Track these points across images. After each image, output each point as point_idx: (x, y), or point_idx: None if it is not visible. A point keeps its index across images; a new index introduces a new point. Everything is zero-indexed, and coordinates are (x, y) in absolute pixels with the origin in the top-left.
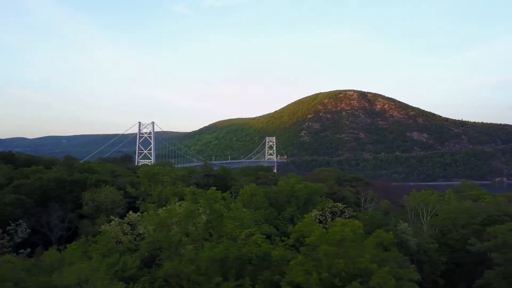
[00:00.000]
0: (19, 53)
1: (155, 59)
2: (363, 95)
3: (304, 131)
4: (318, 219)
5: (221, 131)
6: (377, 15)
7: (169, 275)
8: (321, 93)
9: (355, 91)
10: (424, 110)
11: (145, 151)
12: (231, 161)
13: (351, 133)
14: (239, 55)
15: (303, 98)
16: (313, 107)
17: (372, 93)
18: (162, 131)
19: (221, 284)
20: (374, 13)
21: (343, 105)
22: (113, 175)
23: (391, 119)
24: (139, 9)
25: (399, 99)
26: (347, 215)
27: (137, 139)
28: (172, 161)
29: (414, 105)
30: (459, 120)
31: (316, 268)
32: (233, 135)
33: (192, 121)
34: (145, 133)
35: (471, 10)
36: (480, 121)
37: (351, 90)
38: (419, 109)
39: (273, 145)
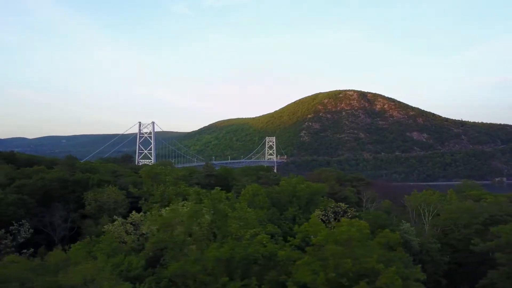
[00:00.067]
0: (19, 53)
1: (155, 59)
2: (363, 95)
3: (304, 131)
4: (320, 219)
5: (221, 131)
6: (377, 15)
7: (175, 275)
8: (321, 93)
9: (355, 91)
10: (424, 110)
11: (145, 151)
12: (231, 161)
13: (351, 133)
14: (239, 55)
15: (303, 98)
16: (313, 107)
17: (372, 93)
18: (162, 131)
19: (228, 284)
20: (374, 13)
21: (343, 105)
22: (115, 175)
23: (391, 119)
24: (139, 9)
25: (399, 99)
26: (350, 215)
27: (137, 139)
28: (172, 161)
29: (414, 105)
30: (459, 120)
31: (323, 268)
32: (233, 135)
33: (192, 121)
34: (145, 133)
35: (471, 10)
36: (480, 121)
37: (351, 90)
38: (419, 109)
39: (273, 145)
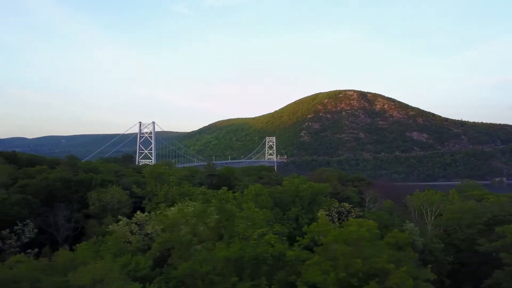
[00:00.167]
0: (19, 53)
1: (155, 59)
2: (363, 95)
3: (304, 131)
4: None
5: (221, 131)
6: (377, 15)
7: (185, 275)
8: (321, 93)
9: (355, 91)
10: (424, 110)
11: (146, 151)
12: (231, 161)
13: (351, 133)
14: (239, 55)
15: (303, 98)
16: (313, 107)
17: (372, 93)
18: (162, 131)
19: (238, 284)
20: (374, 13)
21: (343, 105)
22: (117, 175)
23: (391, 119)
24: (139, 9)
25: (399, 99)
26: (354, 215)
27: (138, 139)
28: (172, 161)
29: (414, 105)
30: (459, 120)
31: (333, 268)
32: (233, 135)
33: (192, 121)
34: (146, 133)
35: (471, 10)
36: (480, 121)
37: (351, 90)
38: (419, 109)
39: (273, 145)
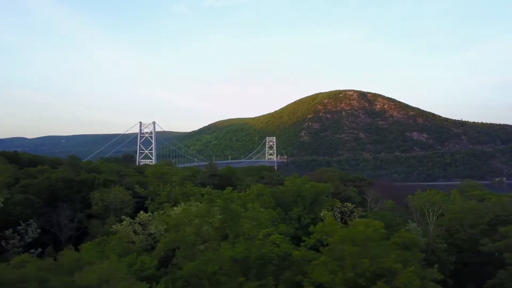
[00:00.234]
0: (19, 53)
1: (155, 59)
2: (363, 95)
3: (304, 131)
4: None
5: (221, 131)
6: (377, 15)
7: (191, 275)
8: (321, 93)
9: (355, 91)
10: (424, 110)
11: (146, 151)
12: (232, 161)
13: (351, 133)
14: (239, 55)
15: (303, 98)
16: (313, 107)
17: (372, 93)
18: (162, 131)
19: (244, 284)
20: (374, 13)
21: (343, 105)
22: (119, 175)
23: (391, 119)
24: (139, 9)
25: (399, 99)
26: (357, 215)
27: (138, 139)
28: (173, 161)
29: (414, 105)
30: (459, 120)
31: (340, 268)
32: (233, 135)
33: (192, 121)
34: (146, 133)
35: (471, 10)
36: (480, 121)
37: (351, 90)
38: (419, 109)
39: (273, 145)
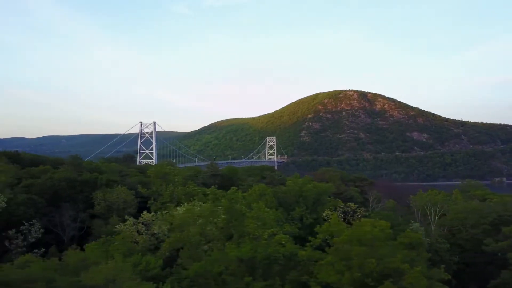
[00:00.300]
0: (19, 53)
1: (155, 59)
2: (363, 95)
3: (304, 131)
4: (330, 219)
5: (221, 131)
6: (377, 15)
7: (197, 275)
8: (321, 93)
9: (355, 91)
10: (424, 110)
11: (147, 151)
12: (232, 161)
13: (351, 133)
14: (239, 55)
15: (303, 98)
16: (313, 107)
17: (372, 93)
18: (162, 131)
19: (251, 284)
20: (374, 13)
21: (343, 105)
22: (120, 175)
23: (391, 119)
24: (139, 9)
25: (399, 99)
26: (360, 215)
27: (139, 139)
28: (173, 161)
29: (414, 105)
30: (459, 120)
31: (347, 267)
32: (233, 135)
33: (192, 121)
34: (147, 133)
35: (471, 10)
36: (480, 121)
37: (351, 90)
38: (419, 109)
39: (274, 145)
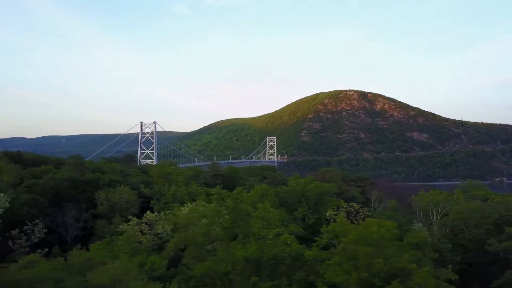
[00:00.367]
0: (19, 53)
1: (155, 59)
2: (363, 95)
3: (304, 131)
4: (333, 219)
5: (221, 131)
6: (377, 15)
7: (203, 274)
8: (321, 93)
9: (355, 91)
10: (424, 110)
11: (147, 151)
12: (232, 161)
13: (351, 133)
14: (239, 55)
15: (303, 98)
16: (313, 107)
17: (372, 93)
18: (162, 131)
19: (258, 284)
20: (374, 13)
21: (343, 105)
22: (122, 174)
23: (391, 119)
24: (139, 9)
25: (399, 99)
26: (363, 215)
27: (139, 139)
28: (174, 161)
29: (414, 105)
30: (459, 120)
31: (354, 267)
32: (233, 135)
33: (192, 121)
34: (147, 133)
35: (471, 10)
36: (480, 121)
37: (351, 90)
38: (419, 109)
39: (274, 145)
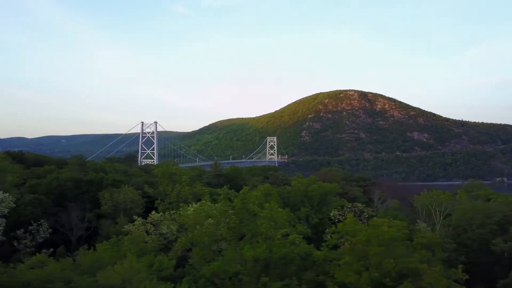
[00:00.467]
0: (19, 53)
1: (155, 59)
2: (363, 95)
3: (304, 131)
4: (337, 219)
5: (221, 131)
6: (377, 15)
7: (213, 274)
8: (321, 93)
9: (355, 91)
10: (424, 110)
11: (148, 151)
12: (233, 161)
13: (351, 133)
14: (239, 55)
15: (303, 98)
16: (313, 107)
17: (372, 93)
18: (163, 130)
19: (268, 284)
20: (374, 13)
21: (343, 105)
22: (125, 174)
23: (392, 119)
24: (139, 9)
25: (399, 99)
26: (367, 215)
27: (140, 139)
28: (175, 160)
29: (414, 105)
30: (460, 120)
31: (365, 267)
32: (233, 135)
33: (192, 121)
34: (148, 133)
35: (471, 10)
36: (480, 121)
37: (352, 90)
38: (419, 109)
39: (274, 145)
